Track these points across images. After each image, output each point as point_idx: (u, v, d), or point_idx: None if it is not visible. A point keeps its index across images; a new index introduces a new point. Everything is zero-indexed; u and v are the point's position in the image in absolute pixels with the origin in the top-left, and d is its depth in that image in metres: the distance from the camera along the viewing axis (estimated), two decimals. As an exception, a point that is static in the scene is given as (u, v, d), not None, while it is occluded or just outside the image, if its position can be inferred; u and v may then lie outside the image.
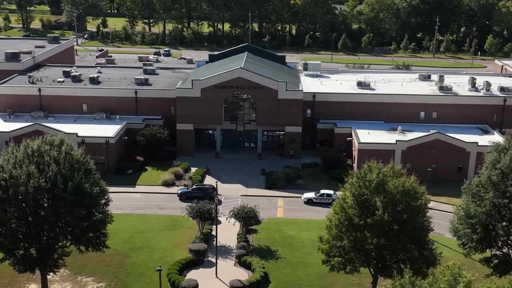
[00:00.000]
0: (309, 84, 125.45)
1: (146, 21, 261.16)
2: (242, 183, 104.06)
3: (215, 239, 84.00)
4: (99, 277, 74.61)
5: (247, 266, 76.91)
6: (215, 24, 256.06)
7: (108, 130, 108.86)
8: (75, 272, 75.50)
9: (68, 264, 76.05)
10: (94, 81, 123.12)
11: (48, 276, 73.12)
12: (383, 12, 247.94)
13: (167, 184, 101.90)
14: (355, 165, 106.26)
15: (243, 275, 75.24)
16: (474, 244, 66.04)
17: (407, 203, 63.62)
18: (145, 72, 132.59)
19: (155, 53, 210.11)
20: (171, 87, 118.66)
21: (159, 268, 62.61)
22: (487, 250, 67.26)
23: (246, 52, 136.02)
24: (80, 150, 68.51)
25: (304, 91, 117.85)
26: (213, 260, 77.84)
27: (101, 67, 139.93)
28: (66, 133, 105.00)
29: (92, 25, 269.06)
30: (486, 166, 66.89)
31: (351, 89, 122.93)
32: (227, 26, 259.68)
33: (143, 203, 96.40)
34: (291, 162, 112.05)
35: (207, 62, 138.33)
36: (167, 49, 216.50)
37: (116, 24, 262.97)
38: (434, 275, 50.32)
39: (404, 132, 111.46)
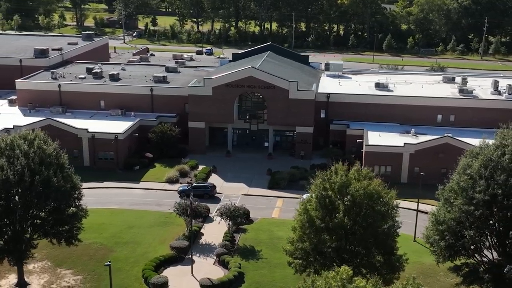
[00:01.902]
0: (327, 85, 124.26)
1: (195, 20, 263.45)
2: (245, 182, 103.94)
3: (201, 237, 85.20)
4: (78, 270, 75.88)
5: (225, 265, 76.79)
6: (262, 23, 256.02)
7: (119, 127, 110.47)
8: (57, 264, 77.05)
9: (51, 257, 78.49)
10: (113, 78, 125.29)
11: (29, 267, 75.37)
12: (432, 13, 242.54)
13: (170, 181, 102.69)
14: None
15: (219, 274, 75.17)
16: (442, 251, 64.15)
17: (370, 207, 62.27)
18: (167, 70, 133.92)
19: (198, 52, 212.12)
20: (188, 85, 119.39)
21: (108, 263, 63.02)
22: (458, 258, 65.20)
23: (269, 51, 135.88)
24: (54, 144, 69.73)
25: (318, 92, 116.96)
26: (194, 257, 78.36)
27: (125, 64, 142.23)
28: (76, 128, 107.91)
29: (143, 24, 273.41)
30: (457, 171, 64.82)
31: (368, 90, 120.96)
32: (274, 26, 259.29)
33: (143, 199, 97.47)
34: (301, 163, 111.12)
35: (230, 61, 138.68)
36: (209, 47, 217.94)
37: (166, 22, 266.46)
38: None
39: (417, 135, 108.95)
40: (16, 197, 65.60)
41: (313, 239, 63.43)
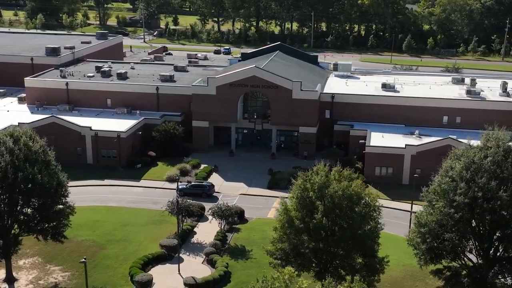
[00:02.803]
0: (334, 85, 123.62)
1: (216, 19, 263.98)
2: (246, 182, 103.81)
3: (194, 235, 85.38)
4: (67, 267, 76.42)
5: (213, 264, 76.78)
6: (282, 23, 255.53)
7: (123, 125, 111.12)
8: (47, 260, 77.73)
9: (43, 253, 79.25)
10: (121, 76, 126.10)
11: (19, 263, 76.27)
12: (455, 13, 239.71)
13: (170, 179, 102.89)
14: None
15: (207, 273, 75.16)
16: (423, 254, 63.39)
17: (350, 208, 61.74)
18: (176, 69, 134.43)
19: (215, 51, 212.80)
20: (192, 84, 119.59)
21: (83, 260, 63.31)
22: (440, 261, 64.35)
23: (278, 51, 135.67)
24: (41, 141, 70.37)
25: (323, 92, 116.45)
26: (184, 256, 78.76)
27: (135, 63, 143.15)
28: (80, 126, 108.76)
29: (165, 23, 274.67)
30: (440, 173, 63.99)
31: (374, 91, 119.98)
32: (295, 26, 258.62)
33: (141, 197, 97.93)
34: (304, 163, 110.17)
35: (239, 60, 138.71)
36: (227, 47, 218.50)
37: (187, 22, 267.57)
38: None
39: (421, 136, 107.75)
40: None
41: (293, 239, 63.15)
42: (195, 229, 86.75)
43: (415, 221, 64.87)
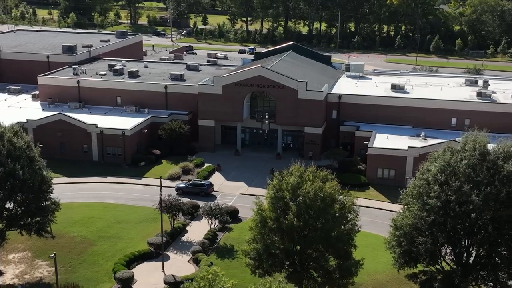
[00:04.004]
0: (343, 85, 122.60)
1: (244, 19, 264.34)
2: (246, 181, 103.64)
3: (185, 234, 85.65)
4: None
5: (198, 263, 76.85)
6: (311, 23, 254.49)
7: (128, 123, 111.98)
8: (36, 255, 78.80)
9: (33, 248, 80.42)
10: (132, 75, 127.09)
11: (9, 257, 77.53)
12: (486, 14, 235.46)
13: (172, 178, 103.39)
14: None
15: (191, 271, 75.30)
16: (399, 258, 62.47)
17: (323, 209, 61.11)
18: (188, 68, 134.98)
19: (240, 51, 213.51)
20: (198, 83, 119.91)
21: (53, 255, 63.87)
22: (416, 265, 63.32)
23: (290, 51, 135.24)
24: (26, 137, 71.37)
25: (331, 93, 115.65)
26: (171, 254, 79.12)
27: (148, 61, 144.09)
28: (86, 123, 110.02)
29: (195, 22, 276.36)
30: (417, 175, 62.96)
31: (383, 92, 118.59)
32: (324, 26, 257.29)
33: (140, 195, 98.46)
34: (308, 164, 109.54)
35: (252, 60, 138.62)
36: (252, 47, 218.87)
37: (217, 21, 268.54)
38: None
39: (427, 138, 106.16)
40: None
41: (267, 239, 62.82)
42: (187, 228, 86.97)
43: (391, 224, 63.91)
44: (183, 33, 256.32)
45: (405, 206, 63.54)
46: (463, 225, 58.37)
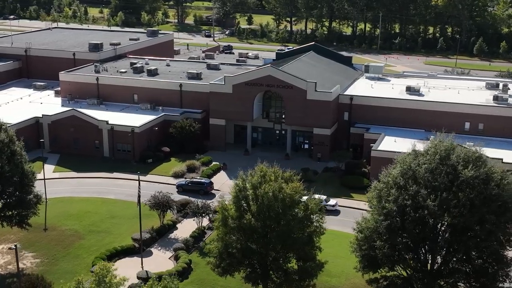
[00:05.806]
0: (359, 87, 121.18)
1: (289, 19, 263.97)
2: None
3: (174, 231, 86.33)
4: (40, 254, 79.13)
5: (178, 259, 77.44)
6: (355, 24, 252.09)
7: (139, 120, 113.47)
8: (24, 247, 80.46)
9: (24, 239, 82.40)
10: (151, 73, 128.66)
11: (-2, 247, 79.78)
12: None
13: (176, 175, 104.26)
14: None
15: (169, 267, 75.79)
16: (359, 262, 61.50)
17: (282, 211, 60.66)
18: (208, 67, 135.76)
19: (279, 50, 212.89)
20: (210, 82, 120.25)
21: (13, 246, 65.22)
22: (378, 270, 62.11)
23: (311, 51, 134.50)
24: (9, 131, 73.23)
25: (343, 94, 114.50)
26: (155, 251, 79.98)
27: (170, 60, 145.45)
28: (97, 120, 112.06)
29: (241, 22, 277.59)
30: (380, 178, 61.84)
31: (398, 94, 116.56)
32: (368, 27, 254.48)
33: (141, 191, 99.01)
34: (316, 165, 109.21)
35: (273, 60, 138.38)
36: (290, 46, 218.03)
37: (262, 21, 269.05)
38: None
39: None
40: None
41: (227, 239, 62.79)
42: (178, 225, 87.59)
43: (355, 227, 62.92)
44: (226, 32, 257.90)
45: (369, 209, 62.43)
46: (419, 231, 56.90)
